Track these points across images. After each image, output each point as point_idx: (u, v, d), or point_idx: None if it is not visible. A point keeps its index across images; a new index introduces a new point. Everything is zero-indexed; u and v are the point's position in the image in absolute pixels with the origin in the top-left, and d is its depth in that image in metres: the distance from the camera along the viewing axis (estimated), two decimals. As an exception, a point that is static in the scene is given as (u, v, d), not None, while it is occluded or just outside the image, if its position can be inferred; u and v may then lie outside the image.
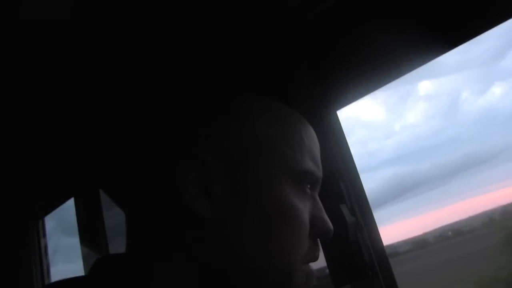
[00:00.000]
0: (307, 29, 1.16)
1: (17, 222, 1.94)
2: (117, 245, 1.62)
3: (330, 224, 0.57)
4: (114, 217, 1.67)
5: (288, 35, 1.17)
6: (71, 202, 1.79)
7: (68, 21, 1.04)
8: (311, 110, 1.10)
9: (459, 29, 0.95)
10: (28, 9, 1.00)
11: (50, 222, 1.99)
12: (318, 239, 0.57)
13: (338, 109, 1.10)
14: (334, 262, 0.99)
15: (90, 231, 1.71)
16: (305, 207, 0.55)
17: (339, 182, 1.01)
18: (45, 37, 1.10)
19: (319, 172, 0.59)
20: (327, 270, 1.02)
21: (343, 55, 1.11)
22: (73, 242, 1.76)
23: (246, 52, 1.21)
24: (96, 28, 1.07)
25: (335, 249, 0.99)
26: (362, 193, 1.04)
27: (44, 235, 1.95)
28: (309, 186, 0.57)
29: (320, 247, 0.59)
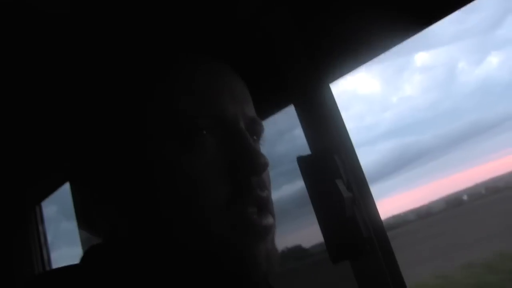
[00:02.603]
0: (298, 2, 1.13)
1: (15, 209, 1.93)
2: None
3: (253, 160, 0.49)
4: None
5: (280, 9, 1.14)
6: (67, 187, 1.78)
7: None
8: (304, 84, 1.08)
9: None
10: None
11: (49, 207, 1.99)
12: (251, 180, 0.50)
13: (331, 82, 1.07)
14: (331, 238, 0.98)
15: (88, 215, 1.70)
16: (198, 158, 0.49)
17: (334, 157, 0.98)
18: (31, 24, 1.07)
19: (212, 109, 0.51)
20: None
21: (334, 28, 1.08)
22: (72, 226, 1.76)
23: (239, 27, 1.19)
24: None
25: (332, 225, 0.97)
26: (358, 167, 1.02)
27: (42, 220, 1.94)
28: (206, 129, 0.50)
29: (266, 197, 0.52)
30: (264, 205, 0.51)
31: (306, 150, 1.05)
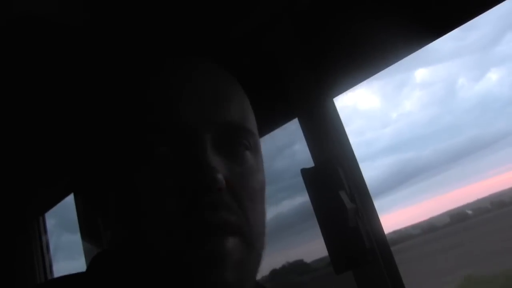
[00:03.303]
0: (302, 18, 1.16)
1: (18, 219, 1.94)
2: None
3: (199, 176, 0.43)
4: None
5: (284, 24, 1.16)
6: (70, 198, 1.79)
7: (55, 13, 1.03)
8: (308, 98, 1.10)
9: (448, 16, 0.95)
10: (16, 4, 1.00)
11: (51, 219, 1.99)
12: (200, 199, 0.43)
13: (334, 97, 1.10)
14: (334, 248, 0.99)
15: (91, 227, 1.71)
16: (148, 174, 0.45)
17: (337, 169, 1.00)
18: (38, 33, 1.10)
19: (165, 117, 0.46)
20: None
21: (338, 43, 1.11)
22: (75, 239, 1.76)
23: (242, 42, 1.21)
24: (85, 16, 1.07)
25: (335, 236, 0.99)
26: (361, 179, 1.04)
27: (45, 231, 1.95)
28: (162, 141, 0.46)
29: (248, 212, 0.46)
30: (217, 230, 0.43)
31: (306, 165, 1.07)
